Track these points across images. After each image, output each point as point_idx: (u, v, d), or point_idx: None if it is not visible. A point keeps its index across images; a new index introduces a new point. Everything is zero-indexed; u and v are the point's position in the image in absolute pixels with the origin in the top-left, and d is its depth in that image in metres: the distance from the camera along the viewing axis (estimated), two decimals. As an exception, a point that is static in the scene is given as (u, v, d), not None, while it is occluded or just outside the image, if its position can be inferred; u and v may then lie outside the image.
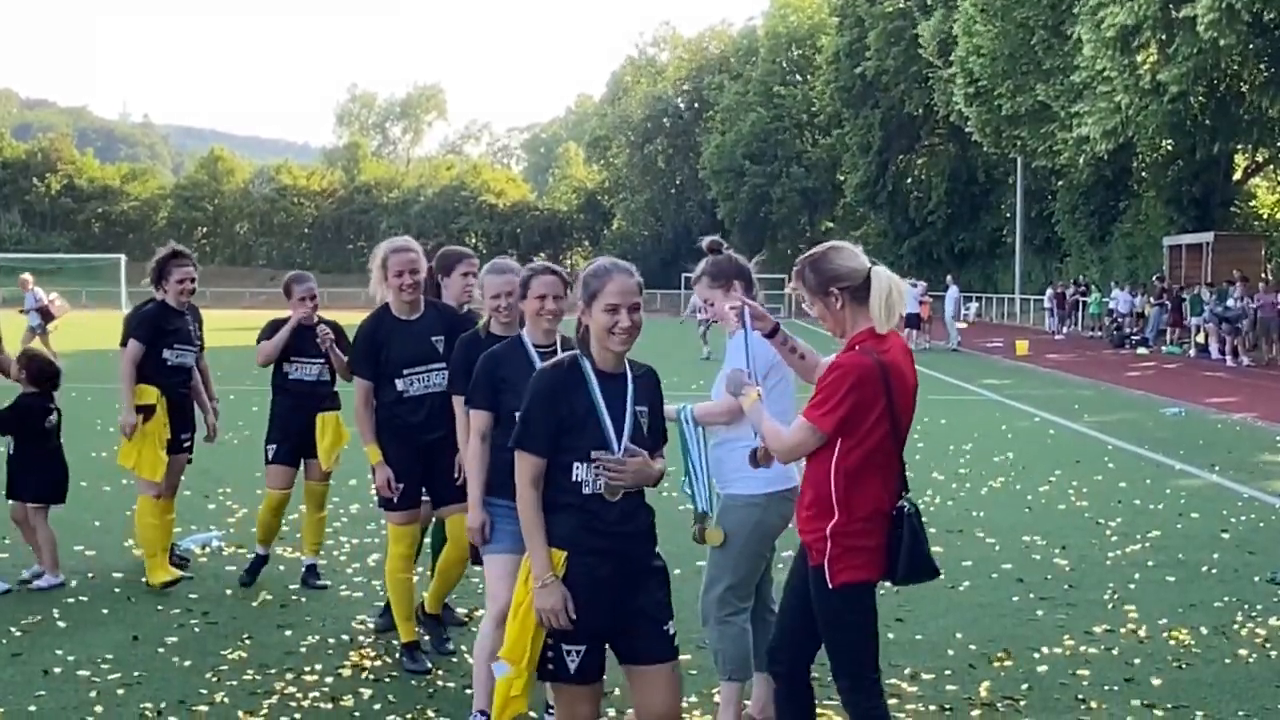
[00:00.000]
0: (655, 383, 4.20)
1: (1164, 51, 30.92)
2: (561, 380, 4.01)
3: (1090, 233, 50.57)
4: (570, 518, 3.95)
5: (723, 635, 5.07)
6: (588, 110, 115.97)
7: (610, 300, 3.96)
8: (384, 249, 6.17)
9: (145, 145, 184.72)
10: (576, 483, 3.95)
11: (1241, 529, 9.81)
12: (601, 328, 3.98)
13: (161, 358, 7.66)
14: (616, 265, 4.06)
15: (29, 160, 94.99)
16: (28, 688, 5.77)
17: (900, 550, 4.18)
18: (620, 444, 3.97)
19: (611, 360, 4.04)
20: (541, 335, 4.96)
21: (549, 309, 4.90)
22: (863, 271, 4.22)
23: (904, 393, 4.23)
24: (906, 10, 58.73)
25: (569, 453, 3.95)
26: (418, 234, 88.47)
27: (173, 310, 7.76)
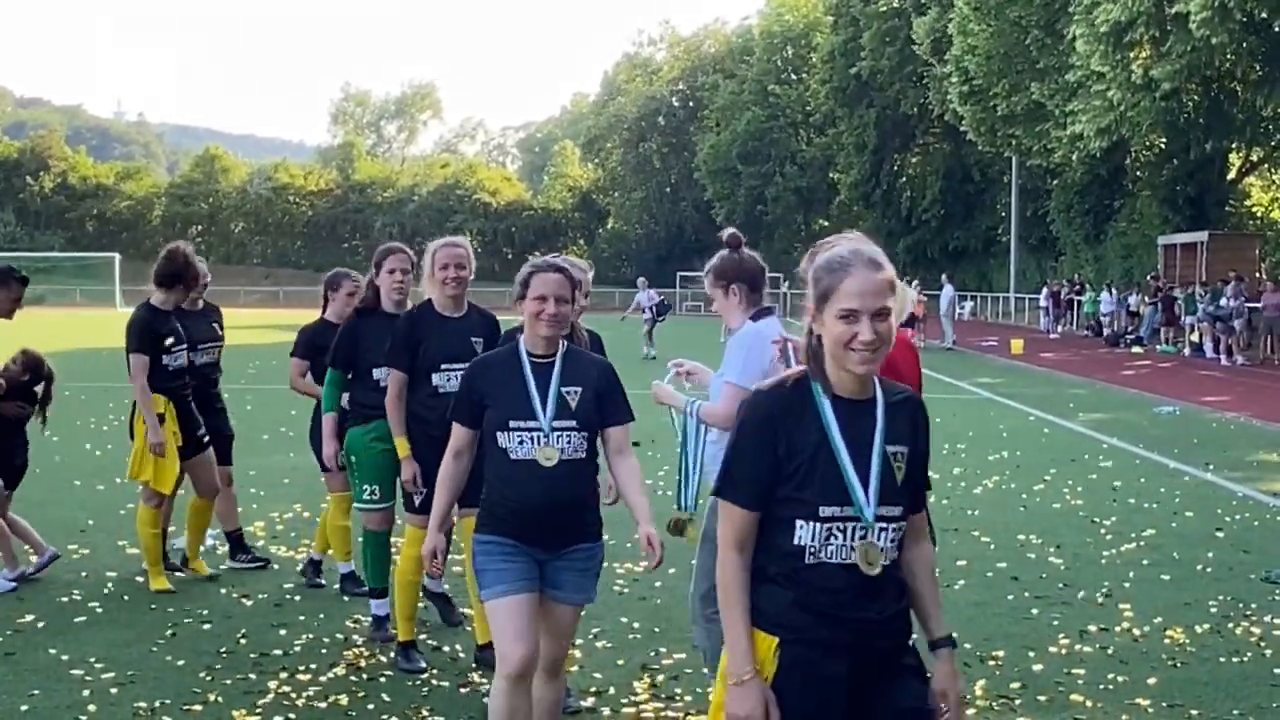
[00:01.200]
0: (915, 413, 3.14)
1: (1157, 48, 30.96)
2: (784, 407, 3.02)
3: (1085, 232, 50.62)
4: (785, 592, 2.97)
5: (709, 633, 5.05)
6: (583, 109, 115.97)
7: (846, 305, 2.93)
8: (433, 244, 6.14)
9: (140, 144, 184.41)
10: (799, 547, 2.95)
11: (1236, 528, 9.81)
12: (836, 340, 2.95)
13: (161, 363, 7.54)
14: (859, 255, 3.01)
15: (21, 158, 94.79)
16: (21, 687, 5.76)
17: None
18: (868, 497, 2.96)
19: (852, 383, 3.01)
20: (541, 344, 4.41)
21: (550, 313, 4.34)
22: None
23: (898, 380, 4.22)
24: (901, 10, 58.79)
25: (789, 506, 2.96)
26: (413, 233, 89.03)
27: (160, 313, 7.66)
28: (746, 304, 5.01)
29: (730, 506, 3.02)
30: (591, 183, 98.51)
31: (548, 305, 4.34)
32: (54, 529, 9.16)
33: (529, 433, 4.25)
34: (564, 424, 4.27)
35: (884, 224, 69.32)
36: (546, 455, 4.24)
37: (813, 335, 3.04)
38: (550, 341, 4.40)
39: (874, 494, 2.95)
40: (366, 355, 6.49)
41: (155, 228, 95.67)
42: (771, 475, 2.96)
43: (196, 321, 8.09)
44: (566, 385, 4.33)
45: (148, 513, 7.60)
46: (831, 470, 2.95)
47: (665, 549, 4.29)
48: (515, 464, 4.25)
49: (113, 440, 14.01)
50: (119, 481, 11.29)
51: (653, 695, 5.78)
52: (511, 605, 4.23)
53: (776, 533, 2.98)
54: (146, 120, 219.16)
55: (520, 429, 4.25)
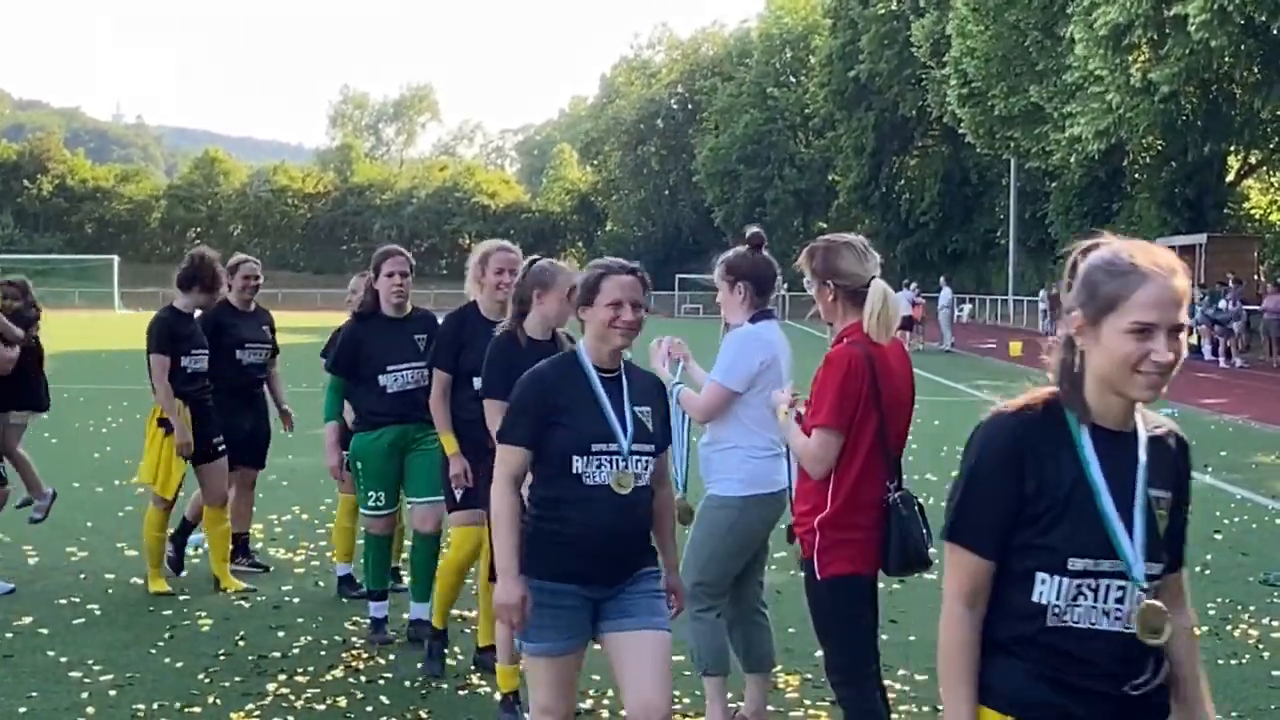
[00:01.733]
0: (1180, 451, 2.62)
1: (1155, 51, 30.99)
2: (1039, 432, 2.53)
3: (1084, 234, 50.58)
4: (1022, 662, 2.48)
5: (695, 631, 5.07)
6: (581, 112, 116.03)
7: (1141, 318, 2.44)
8: (486, 246, 6.04)
9: (138, 146, 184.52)
10: (1040, 605, 2.45)
11: (1234, 530, 9.82)
12: (1123, 360, 2.44)
13: (180, 365, 7.44)
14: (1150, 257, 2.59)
15: (19, 161, 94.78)
16: (19, 689, 5.76)
17: (890, 542, 4.20)
18: (1134, 555, 2.46)
19: (1119, 411, 2.52)
20: (609, 357, 3.95)
21: (625, 320, 3.86)
22: (864, 279, 4.31)
23: (892, 386, 4.27)
24: (900, 13, 58.84)
25: (1031, 555, 2.47)
26: (411, 236, 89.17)
27: (182, 315, 7.58)
28: (749, 304, 5.02)
29: (966, 553, 2.51)
30: (590, 185, 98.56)
31: (623, 312, 3.86)
32: (52, 531, 9.17)
33: (609, 456, 3.81)
34: (642, 447, 3.88)
35: (883, 227, 69.37)
36: (622, 482, 3.82)
37: (1075, 351, 2.57)
38: (617, 354, 3.96)
39: (1140, 546, 2.47)
40: (370, 361, 6.44)
41: (154, 230, 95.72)
42: (1010, 516, 2.48)
43: (248, 322, 8.09)
44: (638, 405, 3.94)
45: (156, 515, 7.56)
46: (1093, 514, 2.45)
47: None
48: (590, 490, 3.81)
49: (111, 442, 14.02)
50: (118, 484, 11.32)
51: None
52: (559, 664, 3.88)
53: (1012, 588, 2.49)
54: (145, 122, 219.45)
55: (602, 452, 3.82)
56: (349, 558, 7.61)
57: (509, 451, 3.87)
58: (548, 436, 3.82)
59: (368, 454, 6.43)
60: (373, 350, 6.42)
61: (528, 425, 3.85)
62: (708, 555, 5.02)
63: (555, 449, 3.82)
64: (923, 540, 4.26)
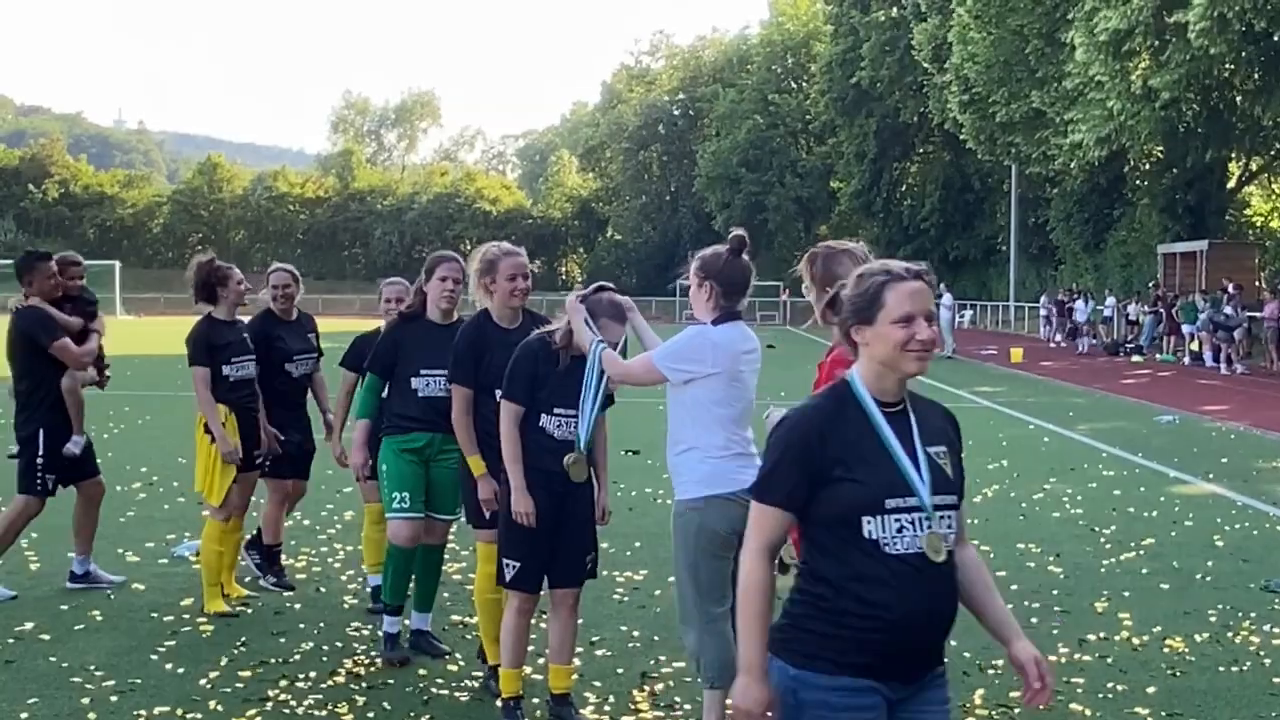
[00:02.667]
0: None
1: (1156, 58, 31.00)
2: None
3: (1085, 240, 50.67)
4: None
5: (707, 644, 4.94)
6: (582, 117, 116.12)
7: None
8: (492, 251, 5.82)
9: (140, 151, 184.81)
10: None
11: (1236, 537, 9.82)
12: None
13: (222, 375, 7.27)
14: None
15: (21, 166, 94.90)
16: (21, 694, 5.76)
17: None
18: None
19: None
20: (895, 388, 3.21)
21: (922, 338, 3.10)
22: None
23: None
24: (900, 20, 58.88)
25: None
26: (412, 241, 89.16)
27: (220, 324, 7.41)
28: (715, 304, 4.98)
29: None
30: (591, 191, 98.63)
31: (917, 328, 3.09)
32: (55, 536, 9.16)
33: (910, 514, 3.03)
34: (945, 500, 3.10)
35: (884, 233, 69.37)
36: (935, 546, 3.04)
37: None
38: (904, 382, 3.22)
39: None
40: (406, 364, 6.30)
41: (156, 236, 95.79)
42: None
43: (293, 331, 7.92)
44: (931, 445, 3.15)
45: (213, 528, 7.30)
46: None
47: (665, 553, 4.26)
48: (893, 561, 3.02)
49: (113, 448, 14.02)
50: (119, 489, 11.31)
51: (653, 704, 5.79)
52: None
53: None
54: (147, 128, 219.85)
55: (900, 510, 3.03)
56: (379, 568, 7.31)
57: (766, 514, 3.10)
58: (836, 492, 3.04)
59: (393, 456, 6.29)
60: (411, 354, 6.27)
61: (795, 476, 3.05)
62: (689, 563, 4.95)
63: (839, 511, 3.04)
64: None
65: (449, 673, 6.22)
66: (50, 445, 7.61)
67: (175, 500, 10.87)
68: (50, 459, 7.60)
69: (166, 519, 10.02)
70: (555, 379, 5.27)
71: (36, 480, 7.60)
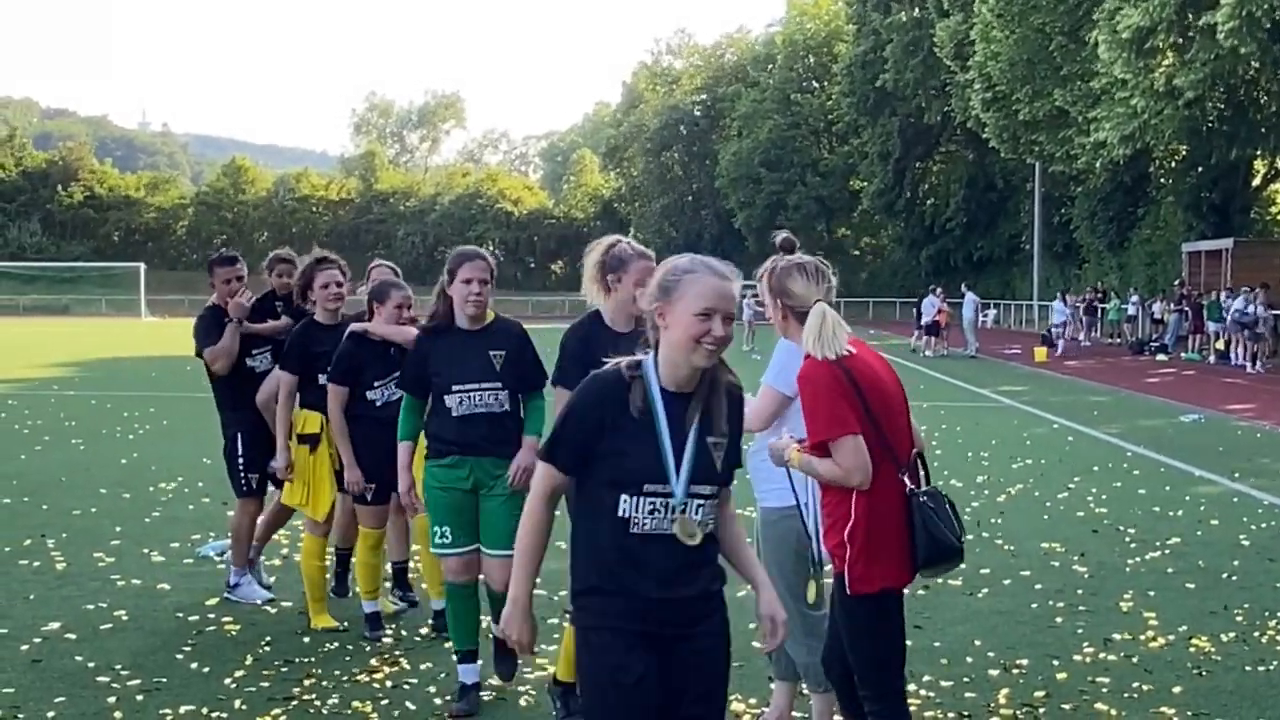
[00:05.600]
0: None
1: (1180, 56, 30.86)
2: None
3: (1109, 239, 50.48)
4: None
5: (810, 648, 4.93)
6: (604, 117, 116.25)
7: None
8: (625, 249, 5.33)
9: (165, 154, 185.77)
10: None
11: (1262, 536, 9.76)
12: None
13: (320, 383, 6.74)
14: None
15: (49, 169, 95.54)
16: (47, 694, 5.79)
17: (915, 538, 4.18)
18: None
19: None
20: None
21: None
22: (808, 302, 4.37)
23: (880, 392, 4.24)
24: (922, 19, 58.74)
25: None
26: (435, 242, 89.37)
27: (322, 327, 6.95)
28: None
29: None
30: (613, 191, 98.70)
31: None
32: (80, 537, 9.24)
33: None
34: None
35: (907, 233, 69.37)
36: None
37: None
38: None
39: None
40: (439, 380, 5.66)
41: (181, 238, 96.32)
42: None
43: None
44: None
45: (313, 543, 6.99)
46: None
47: None
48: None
49: (138, 449, 14.10)
50: (151, 489, 11.40)
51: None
52: None
53: None
54: (171, 130, 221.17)
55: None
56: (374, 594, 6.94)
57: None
58: None
59: (431, 484, 5.67)
60: (442, 367, 5.59)
61: None
62: (789, 570, 4.92)
63: None
64: (954, 535, 4.21)
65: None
66: (249, 447, 7.46)
67: (200, 501, 10.93)
68: (249, 460, 7.47)
69: (192, 519, 10.06)
70: None
71: (241, 482, 7.52)
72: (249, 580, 7.57)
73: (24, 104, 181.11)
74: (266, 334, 7.49)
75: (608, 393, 3.33)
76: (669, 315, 3.29)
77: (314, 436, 6.94)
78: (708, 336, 3.24)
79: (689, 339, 3.25)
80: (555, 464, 3.38)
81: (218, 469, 8.68)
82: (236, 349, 7.41)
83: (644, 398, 3.31)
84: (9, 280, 78.64)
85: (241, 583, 7.54)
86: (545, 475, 3.40)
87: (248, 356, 7.41)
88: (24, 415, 17.68)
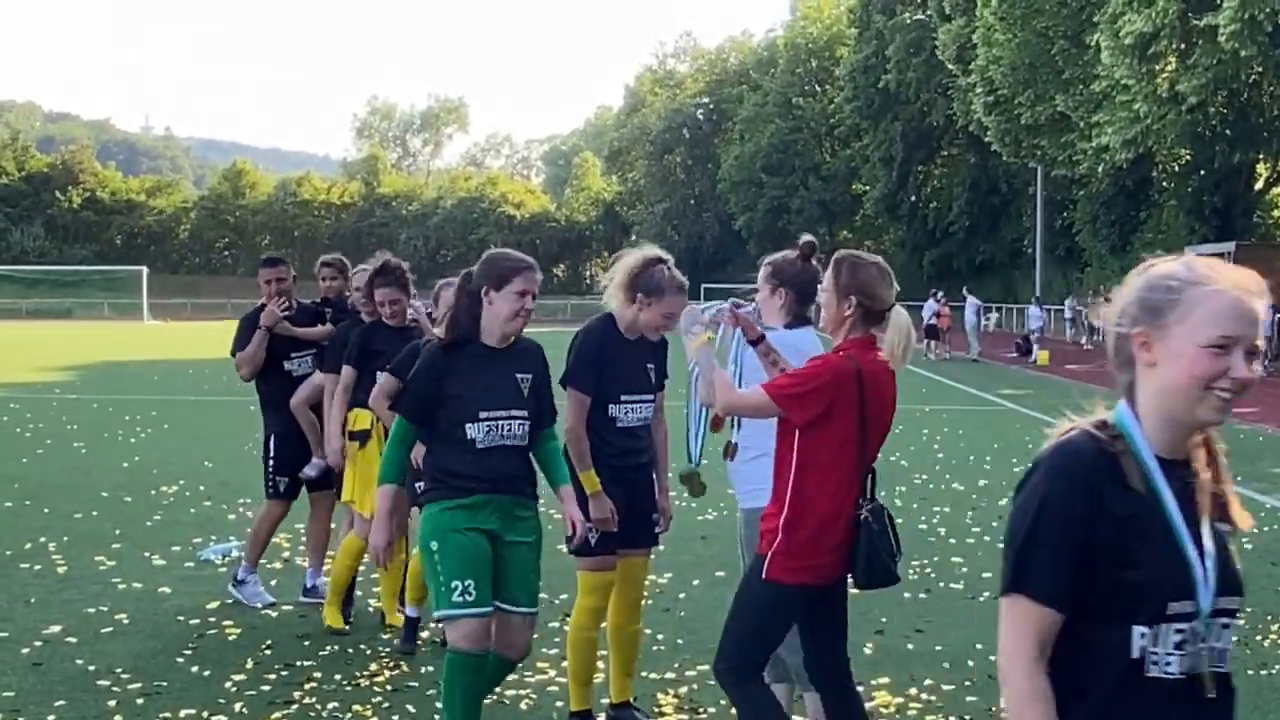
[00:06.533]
0: None
1: (1182, 61, 30.86)
2: None
3: (1111, 243, 50.46)
4: None
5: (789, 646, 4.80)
6: (606, 121, 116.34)
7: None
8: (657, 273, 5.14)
9: (167, 158, 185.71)
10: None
11: (1264, 539, 9.75)
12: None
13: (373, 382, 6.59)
14: None
15: (51, 173, 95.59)
16: (48, 697, 5.79)
17: (859, 557, 4.20)
18: None
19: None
20: None
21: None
22: (887, 303, 4.30)
23: (879, 404, 4.26)
24: (924, 22, 58.77)
25: None
26: (437, 246, 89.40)
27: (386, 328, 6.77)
28: (789, 310, 4.99)
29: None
30: (615, 195, 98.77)
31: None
32: (81, 540, 9.25)
33: None
34: None
35: (910, 236, 69.37)
36: None
37: None
38: None
39: None
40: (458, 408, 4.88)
41: (183, 242, 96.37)
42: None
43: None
44: None
45: (353, 543, 6.87)
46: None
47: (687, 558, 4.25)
48: None
49: (140, 452, 14.10)
50: (152, 493, 11.40)
51: (677, 708, 5.78)
52: None
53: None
54: (174, 134, 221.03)
55: None
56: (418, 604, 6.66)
57: None
58: None
59: (448, 528, 4.67)
60: (462, 388, 4.72)
61: None
62: None
63: None
64: (891, 557, 4.26)
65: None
66: (280, 450, 7.45)
67: (202, 504, 10.93)
68: (280, 462, 7.46)
69: (194, 523, 10.06)
70: None
71: (269, 484, 7.52)
72: (255, 581, 7.55)
73: (27, 108, 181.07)
74: (309, 339, 7.51)
75: (1095, 475, 2.24)
76: (1158, 348, 2.24)
77: (364, 433, 6.81)
78: (1223, 380, 2.20)
79: (1195, 381, 2.20)
80: (1042, 597, 2.21)
81: (219, 472, 8.72)
82: (262, 358, 7.41)
83: (1140, 475, 2.25)
84: (11, 284, 78.67)
85: (248, 581, 7.52)
86: (1026, 617, 2.21)
87: (286, 360, 7.43)
88: (26, 418, 17.68)
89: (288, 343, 7.47)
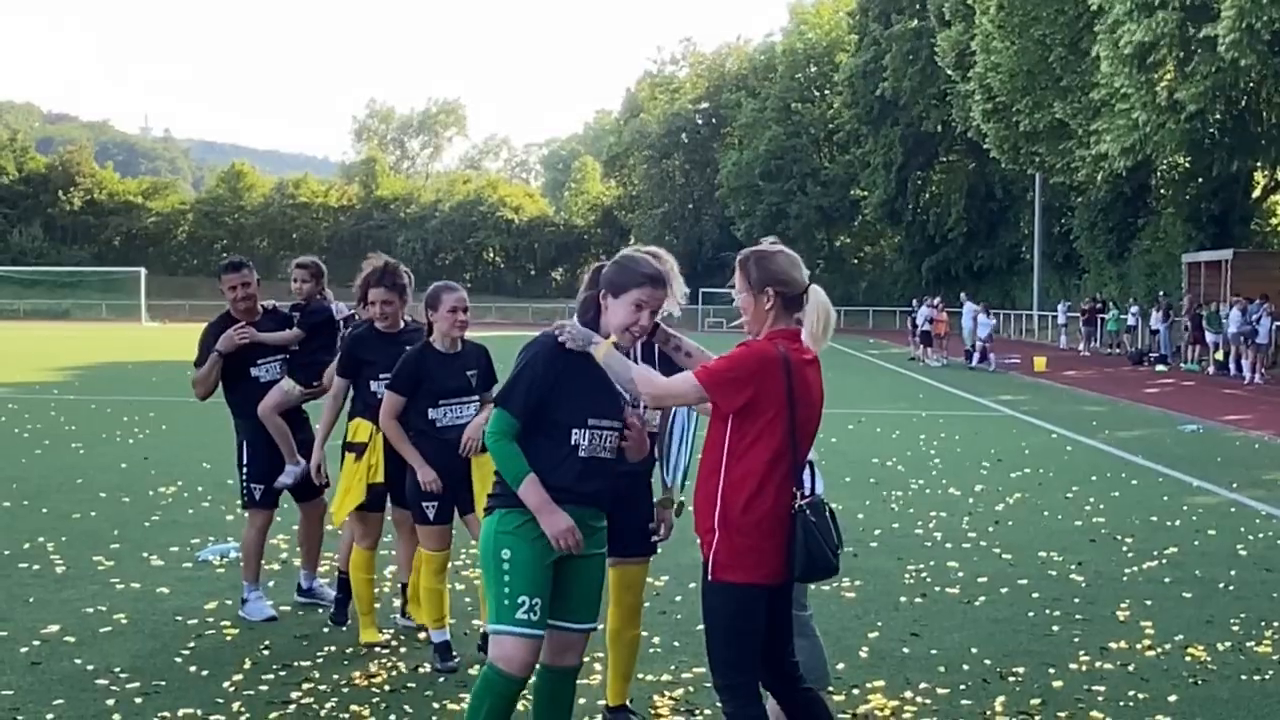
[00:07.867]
0: None
1: (1181, 70, 30.89)
2: None
3: (1109, 249, 50.50)
4: None
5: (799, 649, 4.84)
6: (605, 125, 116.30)
7: None
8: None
9: (166, 159, 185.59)
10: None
11: (1259, 546, 9.78)
12: None
13: (370, 390, 6.67)
14: None
15: (49, 174, 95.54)
16: (46, 696, 5.81)
17: (796, 549, 4.18)
18: None
19: None
20: None
21: None
22: (802, 284, 4.31)
23: (807, 394, 4.25)
24: (923, 29, 58.82)
25: None
26: (435, 249, 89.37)
27: (379, 334, 6.78)
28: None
29: None
30: (614, 199, 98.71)
31: None
32: (79, 540, 9.26)
33: None
34: None
35: (908, 243, 69.40)
36: None
37: None
38: None
39: None
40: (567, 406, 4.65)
41: (181, 244, 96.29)
42: None
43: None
44: None
45: (360, 556, 6.83)
46: None
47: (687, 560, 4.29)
48: None
49: (138, 453, 14.12)
50: (150, 494, 11.42)
51: (674, 710, 5.80)
52: None
53: None
54: (173, 136, 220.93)
55: None
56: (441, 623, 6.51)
57: None
58: None
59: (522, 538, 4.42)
60: (568, 395, 4.47)
61: None
62: None
63: None
64: (832, 549, 4.24)
65: (470, 678, 6.24)
66: (253, 458, 7.32)
67: (200, 505, 10.95)
68: (254, 471, 7.34)
69: (192, 523, 10.08)
70: None
71: (245, 492, 7.43)
72: (258, 595, 7.42)
73: (25, 108, 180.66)
74: (275, 344, 7.38)
75: None
76: None
77: (362, 445, 6.74)
78: None
79: None
80: None
81: (217, 473, 8.75)
82: (215, 381, 7.28)
83: None
84: (9, 285, 78.64)
85: (250, 598, 7.38)
86: None
87: (253, 365, 7.30)
88: (24, 419, 17.69)
89: (254, 348, 7.29)
